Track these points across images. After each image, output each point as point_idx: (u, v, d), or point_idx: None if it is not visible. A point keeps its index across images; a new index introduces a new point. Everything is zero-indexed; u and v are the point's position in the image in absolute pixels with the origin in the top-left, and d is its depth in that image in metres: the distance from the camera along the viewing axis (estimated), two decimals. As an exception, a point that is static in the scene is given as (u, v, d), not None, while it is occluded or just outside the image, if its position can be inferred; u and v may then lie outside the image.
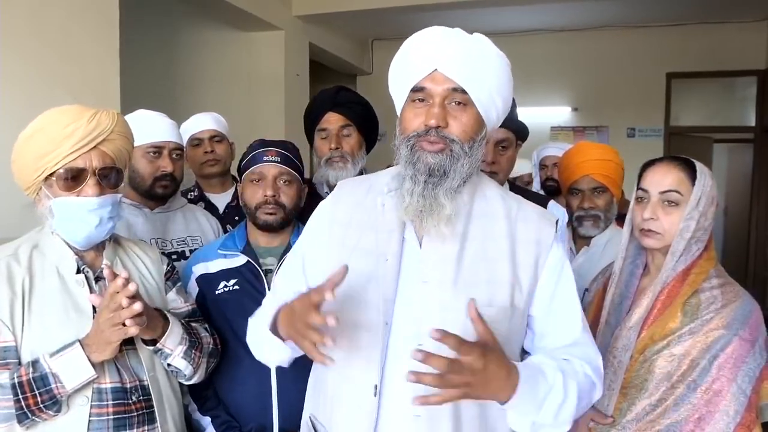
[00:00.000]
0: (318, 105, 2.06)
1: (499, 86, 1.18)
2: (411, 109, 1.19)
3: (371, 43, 6.61)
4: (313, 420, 1.30)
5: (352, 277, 1.19)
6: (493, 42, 1.19)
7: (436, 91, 1.15)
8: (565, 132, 6.17)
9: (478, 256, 1.18)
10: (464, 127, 1.15)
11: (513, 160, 2.17)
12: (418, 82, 1.16)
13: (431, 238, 1.19)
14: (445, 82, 1.14)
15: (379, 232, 1.22)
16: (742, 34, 5.54)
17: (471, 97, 1.15)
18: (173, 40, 4.50)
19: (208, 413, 1.70)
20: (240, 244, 1.78)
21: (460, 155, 1.15)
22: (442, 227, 1.16)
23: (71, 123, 1.33)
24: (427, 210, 1.15)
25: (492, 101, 1.18)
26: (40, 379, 1.26)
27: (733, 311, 1.33)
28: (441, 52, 1.14)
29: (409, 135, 1.17)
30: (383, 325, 1.16)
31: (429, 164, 1.14)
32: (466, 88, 1.14)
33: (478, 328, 1.05)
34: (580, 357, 1.20)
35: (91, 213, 1.36)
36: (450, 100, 1.15)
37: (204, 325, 1.63)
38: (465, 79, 1.14)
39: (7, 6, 2.39)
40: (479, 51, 1.17)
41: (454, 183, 1.16)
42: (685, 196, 1.40)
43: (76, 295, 1.38)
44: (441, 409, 1.13)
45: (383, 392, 1.16)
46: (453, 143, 1.14)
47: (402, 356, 1.14)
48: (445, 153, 1.14)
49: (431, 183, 1.15)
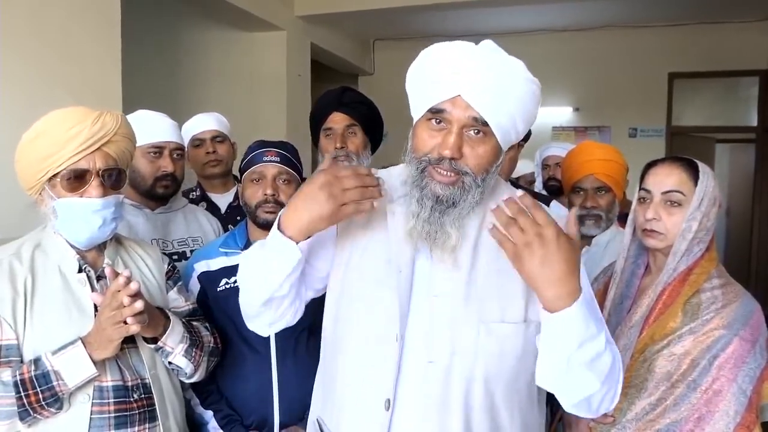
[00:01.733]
0: (323, 105, 2.07)
1: (523, 111, 1.11)
2: (426, 128, 1.12)
3: (373, 43, 6.61)
4: (321, 423, 1.27)
5: (363, 280, 1.18)
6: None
7: (455, 118, 1.07)
8: (566, 132, 6.17)
9: (490, 268, 1.14)
10: (480, 160, 1.09)
11: (514, 160, 2.18)
12: (438, 103, 1.08)
13: (442, 250, 1.15)
14: (467, 110, 1.06)
15: (389, 238, 1.18)
16: (745, 34, 5.53)
17: (492, 128, 1.08)
18: (175, 40, 4.50)
19: (210, 407, 1.72)
20: (241, 242, 1.81)
21: (471, 187, 1.10)
22: (446, 257, 1.13)
23: (76, 125, 1.33)
24: (432, 236, 1.12)
25: (513, 126, 1.11)
26: (42, 377, 1.27)
27: (734, 311, 1.33)
28: (467, 77, 1.06)
29: (421, 157, 1.12)
30: (396, 338, 1.12)
31: (437, 195, 1.10)
32: (488, 120, 1.06)
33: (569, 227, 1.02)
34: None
35: (94, 214, 1.36)
36: (469, 128, 1.08)
37: (204, 324, 1.64)
38: (488, 110, 1.06)
39: (7, 6, 2.39)
40: (508, 77, 1.08)
41: (463, 212, 1.13)
42: (687, 196, 1.40)
43: (78, 294, 1.38)
44: (452, 425, 1.11)
45: (396, 407, 1.12)
46: (466, 175, 1.10)
47: (414, 371, 1.12)
48: (456, 185, 1.10)
49: (438, 210, 1.12)
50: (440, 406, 1.11)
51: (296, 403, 1.66)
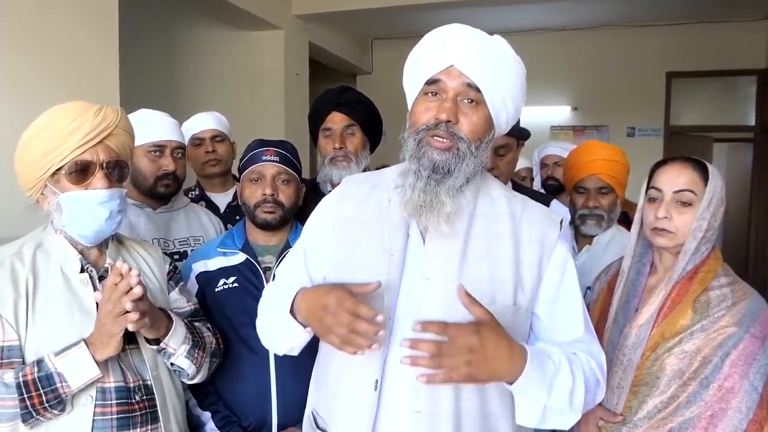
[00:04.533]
0: (322, 104, 2.07)
1: (512, 90, 1.18)
2: (423, 102, 1.19)
3: (371, 42, 6.61)
4: (315, 414, 1.31)
5: (356, 271, 1.21)
6: None
7: (450, 86, 1.15)
8: (565, 131, 6.17)
9: (482, 255, 1.18)
10: (474, 126, 1.16)
11: (514, 162, 2.17)
12: (433, 75, 1.16)
13: (435, 235, 1.19)
14: (460, 77, 1.14)
15: (384, 227, 1.22)
16: (743, 33, 5.54)
17: (484, 96, 1.15)
18: (173, 39, 4.48)
19: (208, 408, 1.71)
20: (239, 242, 1.80)
21: (466, 154, 1.15)
22: (441, 225, 1.16)
23: (77, 117, 1.33)
24: (427, 206, 1.16)
25: (504, 104, 1.18)
26: (45, 379, 1.26)
27: (744, 309, 1.34)
28: (459, 49, 1.15)
29: (418, 128, 1.17)
30: (386, 320, 1.15)
31: (434, 161, 1.15)
32: (481, 86, 1.14)
33: (472, 310, 1.05)
34: (585, 353, 1.20)
35: (101, 206, 1.36)
36: (463, 96, 1.15)
37: (206, 324, 1.63)
38: (480, 78, 1.14)
39: (7, 5, 2.38)
40: (497, 52, 1.17)
41: (457, 182, 1.17)
42: (698, 196, 1.41)
43: (81, 295, 1.37)
44: (441, 406, 1.14)
45: (384, 387, 1.16)
46: (461, 141, 1.15)
47: (402, 351, 1.13)
48: (452, 151, 1.15)
49: (434, 179, 1.16)
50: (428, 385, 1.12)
51: (295, 404, 1.65)
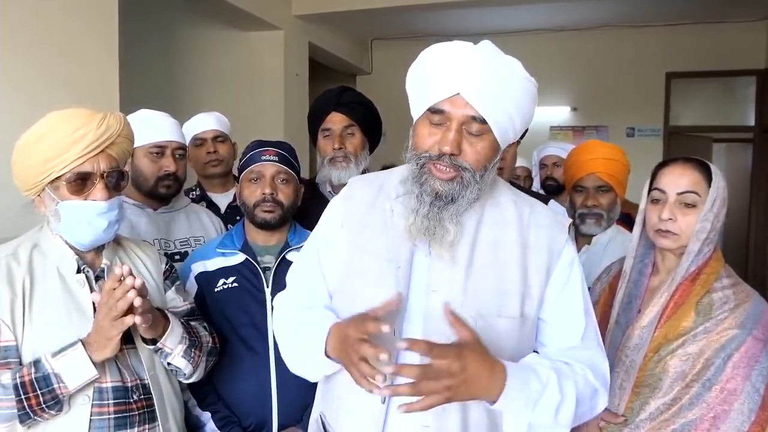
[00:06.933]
0: (322, 105, 2.07)
1: (521, 110, 1.13)
2: (426, 125, 1.14)
3: (371, 42, 6.61)
4: (323, 419, 1.29)
5: (365, 288, 1.19)
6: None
7: (454, 116, 1.10)
8: (564, 132, 6.17)
9: (488, 264, 1.16)
10: (478, 156, 1.12)
11: (514, 157, 2.19)
12: (437, 103, 1.11)
13: (440, 247, 1.16)
14: (465, 108, 1.09)
15: (389, 237, 1.21)
16: (742, 33, 5.54)
17: (490, 126, 1.10)
18: (173, 40, 4.49)
19: (208, 408, 1.71)
20: (238, 243, 1.80)
21: (470, 183, 1.12)
22: (444, 253, 1.14)
23: (81, 127, 1.32)
24: (430, 232, 1.14)
25: (511, 123, 1.13)
26: (43, 380, 1.26)
27: (746, 311, 1.34)
28: (465, 76, 1.09)
29: (421, 154, 1.14)
30: (394, 333, 1.12)
31: (436, 190, 1.12)
32: (487, 117, 1.09)
33: (457, 331, 1.04)
34: (583, 362, 1.18)
35: (99, 216, 1.36)
36: (468, 126, 1.11)
37: (203, 323, 1.63)
38: (486, 109, 1.09)
39: (7, 5, 2.38)
40: (506, 77, 1.11)
41: (461, 208, 1.15)
42: (701, 197, 1.41)
43: (77, 295, 1.37)
44: (449, 421, 1.13)
45: (391, 401, 1.14)
46: (465, 171, 1.11)
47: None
48: (456, 181, 1.12)
49: (437, 206, 1.13)
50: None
51: (295, 404, 1.66)
